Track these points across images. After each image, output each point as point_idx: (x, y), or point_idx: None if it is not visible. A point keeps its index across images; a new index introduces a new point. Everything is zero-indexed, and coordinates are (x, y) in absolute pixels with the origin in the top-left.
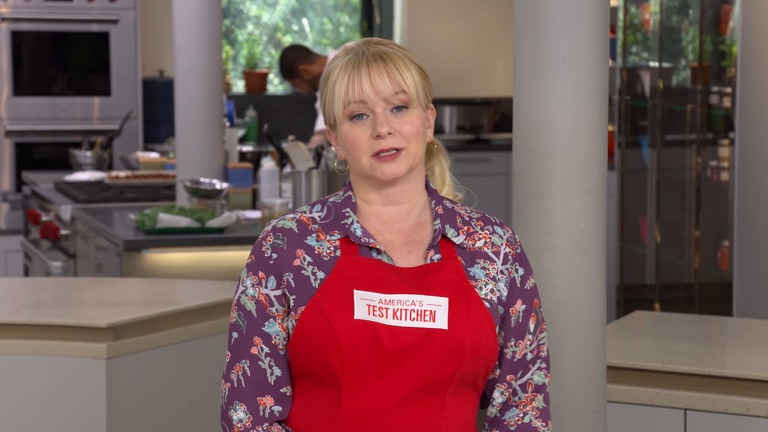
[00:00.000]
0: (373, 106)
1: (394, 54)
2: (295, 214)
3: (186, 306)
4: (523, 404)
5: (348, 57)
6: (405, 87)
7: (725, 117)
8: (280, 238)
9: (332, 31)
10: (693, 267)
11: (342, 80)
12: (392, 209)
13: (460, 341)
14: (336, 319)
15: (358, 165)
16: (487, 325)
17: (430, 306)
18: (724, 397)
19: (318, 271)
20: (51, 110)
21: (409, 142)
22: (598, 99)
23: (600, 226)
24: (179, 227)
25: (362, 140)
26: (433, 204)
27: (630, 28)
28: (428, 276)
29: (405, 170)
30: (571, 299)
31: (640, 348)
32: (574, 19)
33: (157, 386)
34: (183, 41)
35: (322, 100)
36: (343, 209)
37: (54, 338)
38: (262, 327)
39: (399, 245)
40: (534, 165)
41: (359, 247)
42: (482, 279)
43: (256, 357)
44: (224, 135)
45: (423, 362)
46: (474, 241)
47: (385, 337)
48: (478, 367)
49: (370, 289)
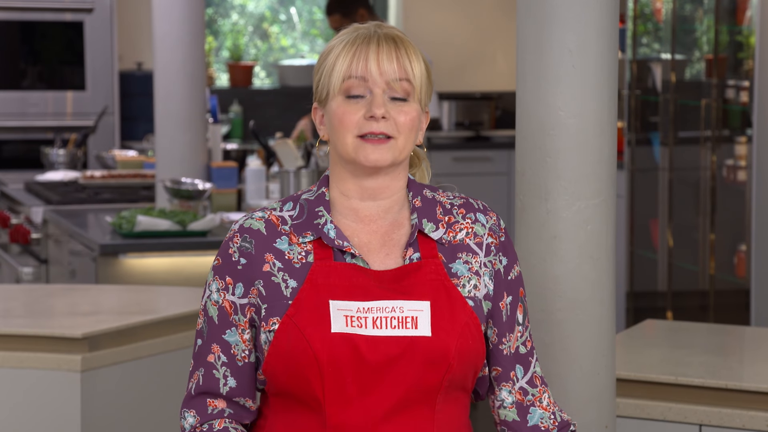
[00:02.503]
0: (373, 86)
1: (407, 40)
2: (264, 212)
3: (166, 315)
4: (538, 399)
5: (357, 32)
6: (411, 75)
7: (742, 112)
8: (248, 241)
9: (322, 21)
10: (708, 273)
11: (347, 53)
12: (370, 205)
13: (444, 348)
14: (312, 334)
15: (341, 145)
16: (473, 327)
17: (411, 312)
18: (742, 412)
19: (289, 279)
20: (21, 105)
21: (401, 133)
22: (607, 93)
23: (609, 230)
24: (159, 230)
25: (352, 118)
26: (411, 196)
27: (640, 17)
28: (407, 279)
29: (389, 161)
30: (578, 307)
31: (652, 359)
32: (580, 8)
33: (135, 400)
34: (162, 31)
35: (317, 74)
36: (316, 208)
37: (25, 349)
38: (222, 335)
39: (376, 247)
40: (538, 164)
41: (333, 250)
42: (465, 275)
43: (211, 365)
44: (207, 132)
45: (407, 372)
46: (455, 233)
47: (365, 348)
48: (466, 371)
49: (346, 297)
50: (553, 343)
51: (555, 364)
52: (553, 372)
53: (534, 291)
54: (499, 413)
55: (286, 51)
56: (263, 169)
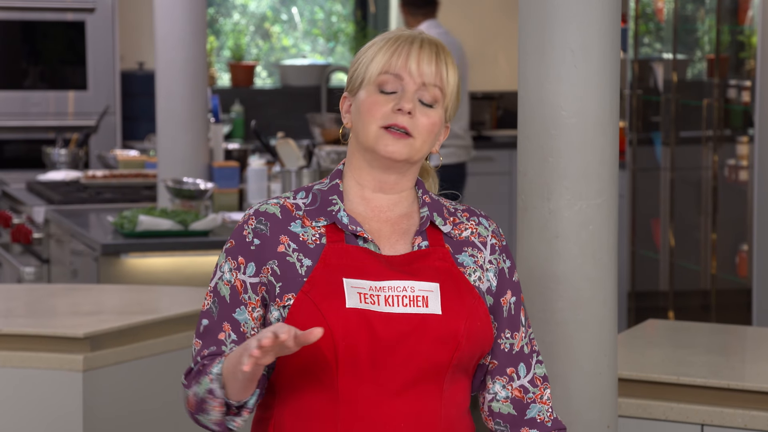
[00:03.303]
0: (407, 84)
1: (447, 50)
2: (278, 199)
3: (168, 314)
4: (538, 397)
5: (401, 33)
6: (444, 83)
7: (744, 112)
8: (263, 223)
9: (324, 21)
10: (709, 273)
11: (388, 48)
12: (381, 197)
13: (454, 326)
14: (327, 308)
15: (363, 132)
16: (480, 310)
17: (421, 292)
18: (744, 412)
19: (304, 258)
20: (22, 105)
21: (420, 134)
22: (609, 93)
23: (611, 229)
24: (161, 230)
25: (380, 109)
26: (420, 193)
27: (642, 17)
28: (416, 263)
29: (404, 156)
30: (580, 307)
31: (654, 359)
32: (583, 7)
33: (137, 400)
34: (164, 31)
35: (354, 65)
36: (330, 196)
37: (27, 349)
38: (233, 313)
39: (386, 234)
40: (540, 164)
41: (345, 234)
42: (471, 266)
43: (221, 342)
44: (209, 132)
45: (418, 350)
46: (460, 231)
47: (378, 324)
48: (474, 352)
49: (359, 276)
50: (555, 343)
51: (557, 363)
52: (555, 372)
53: (536, 291)
54: (492, 406)
55: (288, 51)
56: (265, 168)
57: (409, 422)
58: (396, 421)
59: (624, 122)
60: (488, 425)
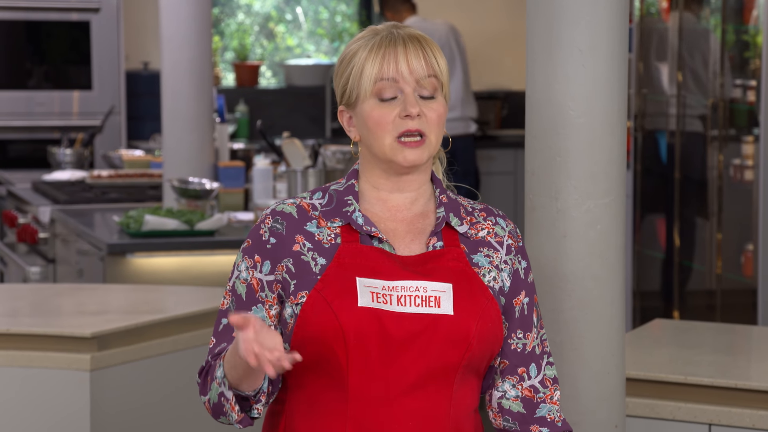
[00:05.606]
0: (404, 86)
1: (428, 38)
2: (295, 199)
3: (174, 314)
4: (548, 397)
5: (379, 36)
6: (438, 71)
7: (749, 112)
8: (279, 222)
9: (328, 21)
10: (715, 272)
11: (375, 57)
12: (398, 196)
13: (466, 327)
14: (339, 306)
15: (378, 146)
16: (492, 311)
17: (434, 292)
18: (752, 412)
19: (318, 257)
20: (27, 105)
21: (432, 130)
22: (617, 93)
23: (619, 229)
24: (166, 230)
25: (388, 120)
26: (438, 193)
27: (647, 17)
28: (430, 263)
29: (426, 159)
30: (588, 307)
31: (660, 359)
32: (591, 7)
33: (144, 399)
34: (169, 31)
35: (341, 77)
36: (345, 197)
37: (33, 349)
38: (250, 311)
39: (401, 234)
40: (548, 163)
41: (360, 235)
42: (485, 266)
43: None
44: (214, 131)
45: (429, 349)
46: (477, 231)
47: (390, 324)
48: (484, 352)
49: (372, 276)
50: (563, 342)
51: (565, 363)
52: (564, 371)
53: (544, 290)
54: (502, 403)
55: (292, 50)
56: (270, 168)
57: (417, 421)
58: (405, 420)
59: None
60: (496, 422)
